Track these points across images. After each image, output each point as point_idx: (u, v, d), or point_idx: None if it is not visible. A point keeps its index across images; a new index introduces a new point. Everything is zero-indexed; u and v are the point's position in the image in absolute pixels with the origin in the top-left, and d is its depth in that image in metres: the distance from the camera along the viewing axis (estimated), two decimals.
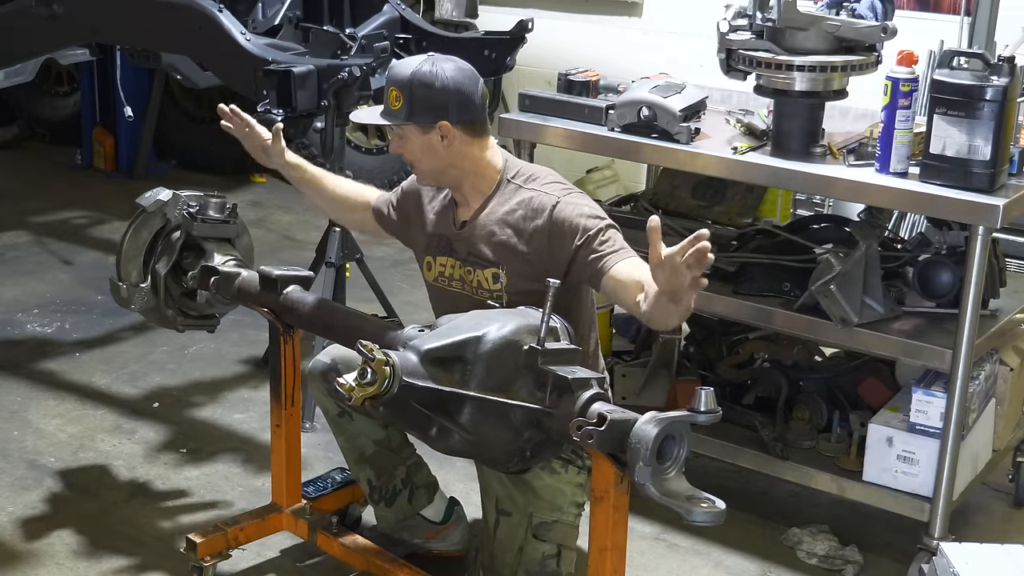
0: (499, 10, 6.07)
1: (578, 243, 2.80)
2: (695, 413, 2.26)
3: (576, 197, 2.89)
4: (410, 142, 2.90)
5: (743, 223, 3.72)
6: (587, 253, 2.78)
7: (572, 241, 2.80)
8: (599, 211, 2.88)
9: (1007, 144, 3.04)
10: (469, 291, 2.94)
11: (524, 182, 2.93)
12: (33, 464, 3.85)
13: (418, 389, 2.44)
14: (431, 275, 3.03)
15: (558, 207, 2.84)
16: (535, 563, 2.92)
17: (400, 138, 2.92)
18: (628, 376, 3.79)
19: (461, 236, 2.95)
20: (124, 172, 6.95)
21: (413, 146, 2.90)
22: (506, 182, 2.94)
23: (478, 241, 2.92)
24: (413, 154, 2.92)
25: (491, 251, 2.90)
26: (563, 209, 2.84)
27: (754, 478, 3.74)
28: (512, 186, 2.93)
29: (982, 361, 3.34)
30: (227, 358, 4.63)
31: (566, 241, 2.81)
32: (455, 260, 2.98)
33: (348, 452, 3.21)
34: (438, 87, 2.83)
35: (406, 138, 2.91)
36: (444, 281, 3.00)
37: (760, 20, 3.27)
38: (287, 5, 4.36)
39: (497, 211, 2.92)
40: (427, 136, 2.87)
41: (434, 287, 3.05)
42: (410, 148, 2.91)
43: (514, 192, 2.92)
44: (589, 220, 2.82)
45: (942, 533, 3.19)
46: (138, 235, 3.38)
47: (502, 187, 2.94)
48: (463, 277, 2.96)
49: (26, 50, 4.70)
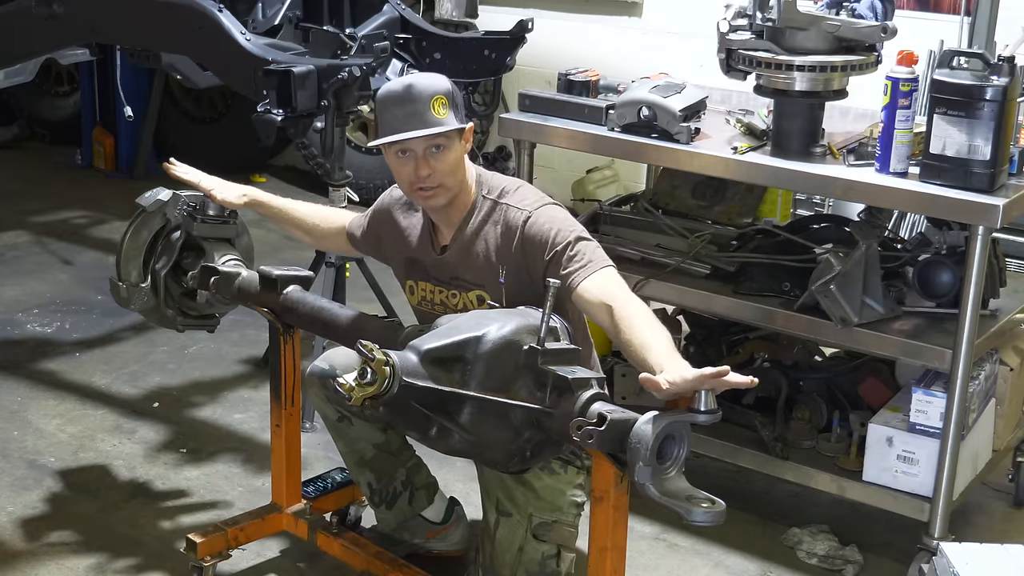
0: (499, 10, 6.06)
1: (547, 258, 2.77)
2: (695, 413, 2.26)
3: (548, 210, 2.84)
4: (452, 153, 2.81)
5: (743, 223, 3.73)
6: (556, 269, 2.74)
7: (542, 256, 2.77)
8: (571, 223, 2.83)
9: (1007, 144, 3.04)
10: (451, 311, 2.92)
11: (498, 197, 2.89)
12: (33, 464, 3.85)
13: (418, 389, 2.44)
14: (414, 299, 3.03)
15: (528, 221, 2.81)
16: (535, 563, 2.92)
17: (439, 151, 2.79)
18: (628, 376, 3.79)
19: (443, 261, 2.93)
20: (124, 172, 6.96)
21: (454, 157, 2.82)
22: (482, 198, 2.91)
23: (459, 265, 2.90)
24: (448, 167, 2.81)
25: (472, 274, 2.89)
26: (533, 224, 2.81)
27: (754, 478, 3.74)
28: (488, 202, 2.90)
29: (982, 361, 3.34)
30: (227, 358, 4.63)
31: (537, 256, 2.78)
32: (434, 285, 2.96)
33: (348, 456, 3.21)
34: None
35: (448, 149, 2.80)
36: (427, 305, 2.99)
37: (760, 20, 3.27)
38: (287, 5, 4.36)
39: (475, 231, 2.88)
40: (462, 143, 2.84)
41: (419, 310, 3.04)
42: (451, 160, 2.81)
43: (491, 209, 2.89)
44: (558, 234, 2.77)
45: (942, 533, 3.19)
46: (138, 235, 3.38)
47: (478, 204, 2.90)
48: (445, 301, 2.95)
49: (26, 50, 4.70)
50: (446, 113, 2.78)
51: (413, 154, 2.80)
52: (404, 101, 2.78)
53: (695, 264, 3.56)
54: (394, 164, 2.85)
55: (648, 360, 2.47)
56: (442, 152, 2.80)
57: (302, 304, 3.07)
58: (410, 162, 2.81)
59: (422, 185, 2.82)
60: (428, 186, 2.82)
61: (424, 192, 2.83)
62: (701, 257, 3.56)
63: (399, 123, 2.78)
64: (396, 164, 2.84)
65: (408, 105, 2.77)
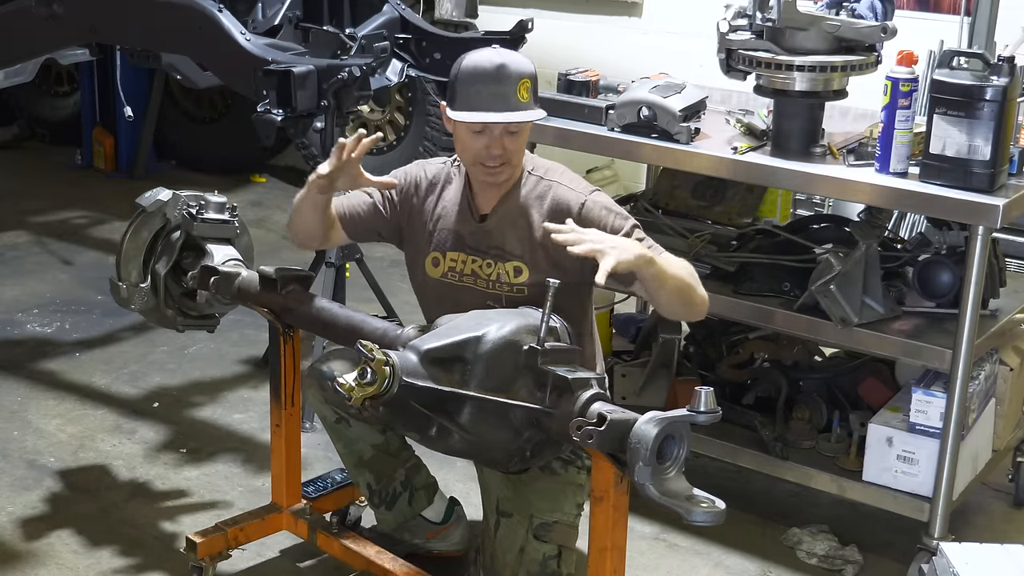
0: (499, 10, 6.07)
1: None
2: (695, 413, 2.26)
3: (601, 196, 2.91)
4: (525, 135, 2.86)
5: (743, 223, 3.73)
6: None
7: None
8: (624, 212, 2.90)
9: (1007, 144, 3.04)
10: (482, 285, 2.91)
11: (544, 174, 2.92)
12: (33, 464, 3.85)
13: (418, 389, 2.44)
14: (437, 271, 2.97)
15: (586, 206, 2.85)
16: (536, 564, 2.92)
17: (512, 135, 2.82)
18: (628, 376, 3.79)
19: (483, 229, 2.92)
20: (124, 172, 6.96)
21: (525, 139, 2.86)
22: (527, 174, 2.93)
23: (501, 234, 2.90)
24: (520, 147, 2.86)
25: (514, 245, 2.89)
26: (592, 208, 2.85)
27: (754, 478, 3.74)
28: (533, 178, 2.92)
29: (982, 361, 3.34)
30: (227, 358, 4.63)
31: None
32: (467, 255, 2.94)
33: (347, 457, 3.20)
34: None
35: (523, 132, 2.84)
36: (454, 276, 2.96)
37: (760, 20, 3.27)
38: (287, 5, 4.36)
39: (521, 203, 2.90)
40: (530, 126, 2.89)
41: (437, 283, 2.98)
42: (522, 142, 2.85)
43: (536, 184, 2.91)
44: (618, 220, 2.84)
45: (942, 533, 3.19)
46: (138, 235, 3.38)
47: (523, 179, 2.93)
48: (477, 272, 2.93)
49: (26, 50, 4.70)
50: (529, 98, 2.82)
51: (489, 133, 2.82)
52: (492, 81, 2.79)
53: (695, 264, 3.55)
54: (464, 136, 2.85)
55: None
56: (517, 135, 2.83)
57: (302, 304, 3.06)
58: (482, 139, 2.82)
59: (491, 163, 2.84)
60: (496, 164, 2.84)
61: (488, 168, 2.85)
62: (701, 257, 3.56)
63: (484, 102, 2.79)
64: (466, 137, 2.84)
65: (495, 86, 2.78)
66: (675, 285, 2.74)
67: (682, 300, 2.78)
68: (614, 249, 2.59)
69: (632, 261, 2.61)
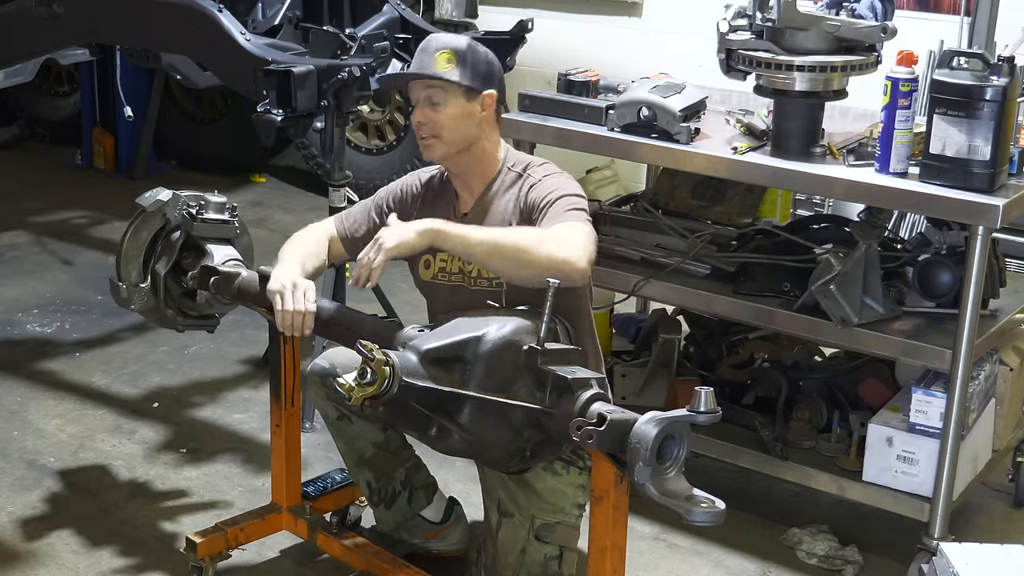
0: (499, 10, 6.06)
1: (534, 217, 2.84)
2: (695, 413, 2.26)
3: (554, 179, 2.90)
4: (448, 107, 2.88)
5: (743, 223, 3.73)
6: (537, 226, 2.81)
7: (533, 218, 2.84)
8: (570, 189, 2.87)
9: (1007, 144, 3.04)
10: (468, 282, 2.94)
11: (522, 170, 2.95)
12: (33, 464, 3.85)
13: (418, 389, 2.44)
14: (429, 273, 3.01)
15: (533, 187, 2.88)
16: (537, 564, 2.92)
17: (434, 104, 2.88)
18: (628, 376, 3.79)
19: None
20: (124, 172, 6.96)
21: (450, 112, 2.88)
22: (506, 170, 2.96)
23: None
24: (446, 120, 2.88)
25: None
26: (535, 188, 2.88)
27: (754, 478, 3.74)
28: (512, 174, 2.95)
29: (982, 361, 3.34)
30: (227, 358, 4.63)
31: (532, 219, 2.83)
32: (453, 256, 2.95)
33: (347, 455, 3.21)
34: (491, 60, 2.94)
35: (443, 104, 2.88)
36: (444, 276, 2.99)
37: (760, 20, 3.27)
38: (287, 5, 4.36)
39: (497, 199, 2.93)
40: (469, 103, 2.89)
41: (431, 284, 3.02)
42: (446, 113, 2.88)
43: (513, 180, 2.94)
44: (550, 195, 2.84)
45: (942, 533, 3.19)
46: (138, 235, 3.38)
47: (502, 175, 2.95)
48: (463, 268, 2.95)
49: (26, 50, 4.70)
50: (449, 68, 2.87)
51: (417, 104, 2.92)
52: (420, 50, 2.92)
53: (695, 264, 3.56)
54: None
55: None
56: (440, 106, 2.88)
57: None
58: (415, 111, 2.93)
59: (420, 134, 2.92)
60: (423, 135, 2.91)
61: (421, 140, 2.93)
62: (701, 257, 3.56)
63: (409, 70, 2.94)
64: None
65: (421, 53, 2.91)
66: (485, 250, 2.69)
67: (508, 263, 2.69)
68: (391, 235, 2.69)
69: (412, 241, 2.70)
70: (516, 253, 2.67)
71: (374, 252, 2.71)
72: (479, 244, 2.69)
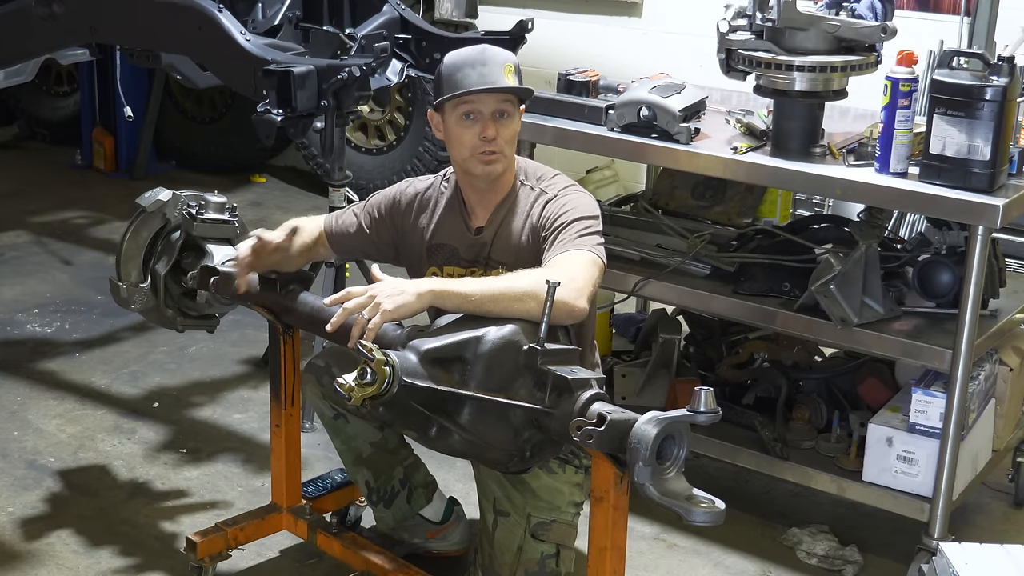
0: (499, 10, 6.06)
1: (544, 235, 2.82)
2: (695, 413, 2.26)
3: (570, 198, 2.87)
4: (515, 122, 2.87)
5: (743, 223, 3.73)
6: (546, 248, 2.79)
7: (542, 235, 2.82)
8: (586, 210, 2.84)
9: (1007, 144, 3.04)
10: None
11: (536, 183, 2.93)
12: (33, 464, 3.85)
13: (418, 389, 2.44)
14: None
15: (549, 203, 2.86)
16: (534, 563, 2.92)
17: (504, 118, 2.83)
18: (628, 376, 3.79)
19: (479, 242, 2.93)
20: (124, 172, 6.96)
21: (516, 127, 2.87)
22: (520, 184, 2.94)
23: (499, 246, 2.91)
24: (511, 134, 2.86)
25: (514, 256, 2.88)
26: (550, 205, 2.86)
27: (754, 478, 3.74)
28: (526, 188, 2.93)
29: (982, 361, 3.34)
30: (227, 358, 4.63)
31: (542, 236, 2.82)
32: (464, 268, 2.94)
33: (345, 455, 3.21)
34: None
35: (511, 117, 2.86)
36: None
37: (760, 20, 3.27)
38: (287, 5, 4.36)
39: (512, 215, 2.91)
40: (519, 118, 2.90)
41: None
42: (513, 128, 2.86)
43: (528, 194, 2.92)
44: (564, 216, 2.81)
45: (942, 533, 3.19)
46: (138, 235, 3.38)
47: (516, 188, 2.93)
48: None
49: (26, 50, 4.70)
50: (515, 82, 2.84)
51: (480, 117, 2.83)
52: (478, 63, 2.82)
53: (695, 264, 3.56)
54: (456, 129, 2.85)
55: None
56: (507, 119, 2.84)
57: (302, 304, 3.06)
58: (475, 125, 2.83)
59: (486, 149, 2.83)
60: (491, 151, 2.83)
61: (486, 157, 2.84)
62: (701, 257, 3.56)
63: (472, 83, 2.81)
64: (459, 129, 2.85)
65: (481, 67, 2.82)
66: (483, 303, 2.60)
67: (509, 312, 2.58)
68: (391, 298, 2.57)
69: (412, 304, 2.58)
70: (515, 303, 2.59)
71: (370, 312, 2.58)
72: (480, 299, 2.60)
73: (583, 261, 2.71)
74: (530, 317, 2.56)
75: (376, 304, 2.58)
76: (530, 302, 2.56)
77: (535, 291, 2.55)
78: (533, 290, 2.56)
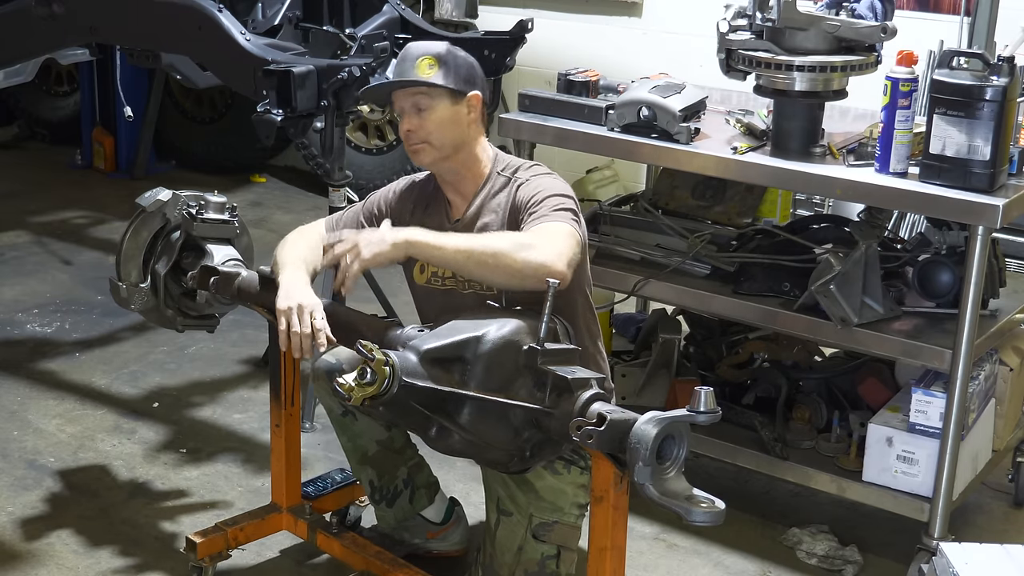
0: (499, 10, 6.06)
1: (521, 217, 2.83)
2: (695, 413, 2.26)
3: (542, 179, 2.90)
4: (435, 112, 2.88)
5: (743, 223, 3.72)
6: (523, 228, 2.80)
7: (520, 218, 2.83)
8: (557, 189, 2.86)
9: (1007, 144, 3.04)
10: (460, 286, 2.93)
11: (512, 173, 2.95)
12: (33, 464, 3.85)
13: (418, 389, 2.44)
14: (423, 277, 3.01)
15: (521, 187, 2.88)
16: (534, 563, 2.92)
17: (420, 111, 2.88)
18: (628, 376, 3.79)
19: (457, 232, 2.94)
20: (124, 172, 6.95)
21: (437, 116, 2.88)
22: (496, 174, 2.96)
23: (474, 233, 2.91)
24: (434, 125, 2.88)
25: None
26: (523, 188, 2.88)
27: (754, 478, 3.74)
28: (502, 178, 2.95)
29: (982, 361, 3.34)
30: (227, 358, 4.63)
31: (519, 219, 2.83)
32: None
33: (351, 452, 3.21)
34: (471, 63, 2.94)
35: (431, 109, 2.88)
36: (437, 281, 2.99)
37: (760, 20, 3.27)
38: (287, 5, 4.36)
39: (488, 203, 2.93)
40: (456, 107, 2.89)
41: (424, 288, 3.02)
42: (433, 119, 2.88)
43: (503, 184, 2.94)
44: (537, 194, 2.84)
45: (942, 533, 3.19)
46: (138, 235, 3.38)
47: (492, 179, 2.96)
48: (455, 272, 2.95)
49: (26, 50, 4.70)
50: (432, 73, 2.87)
51: (403, 113, 2.92)
52: (400, 60, 2.95)
53: (695, 264, 3.56)
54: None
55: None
56: (427, 111, 2.88)
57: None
58: (403, 123, 2.93)
59: (409, 141, 2.92)
60: (412, 141, 2.91)
61: (411, 147, 2.93)
62: (701, 257, 3.56)
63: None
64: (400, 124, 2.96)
65: (401, 63, 2.93)
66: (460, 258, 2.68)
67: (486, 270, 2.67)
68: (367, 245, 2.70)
69: (387, 252, 2.71)
70: (492, 259, 2.64)
71: (351, 257, 2.72)
72: (454, 253, 2.68)
73: (561, 230, 2.75)
74: (504, 276, 2.65)
75: (356, 251, 2.71)
76: (504, 260, 2.63)
77: (509, 252, 2.63)
78: (507, 251, 2.64)
